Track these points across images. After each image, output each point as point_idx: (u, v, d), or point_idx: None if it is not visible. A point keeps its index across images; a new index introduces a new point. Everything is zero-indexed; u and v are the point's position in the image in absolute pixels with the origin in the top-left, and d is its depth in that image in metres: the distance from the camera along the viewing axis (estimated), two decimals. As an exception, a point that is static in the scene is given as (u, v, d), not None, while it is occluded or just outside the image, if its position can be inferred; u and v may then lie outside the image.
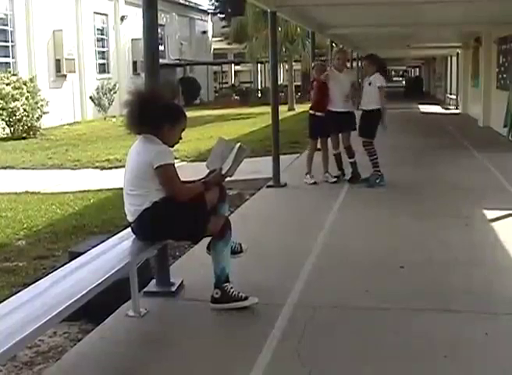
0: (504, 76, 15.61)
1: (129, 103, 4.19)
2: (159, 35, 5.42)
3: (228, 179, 4.55)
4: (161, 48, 29.66)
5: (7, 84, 18.22)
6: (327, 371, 3.50)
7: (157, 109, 4.11)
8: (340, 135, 9.01)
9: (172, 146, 4.25)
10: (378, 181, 8.66)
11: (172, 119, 4.19)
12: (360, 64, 24.55)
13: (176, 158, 4.72)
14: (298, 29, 26.16)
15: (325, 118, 8.82)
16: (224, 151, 4.50)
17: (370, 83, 8.63)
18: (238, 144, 4.51)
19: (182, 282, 4.80)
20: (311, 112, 9.11)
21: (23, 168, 12.67)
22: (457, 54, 25.78)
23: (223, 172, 4.42)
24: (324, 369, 3.51)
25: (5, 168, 12.70)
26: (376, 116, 8.60)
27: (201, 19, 40.75)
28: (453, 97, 27.52)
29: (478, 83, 19.05)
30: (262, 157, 11.40)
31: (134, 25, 26.57)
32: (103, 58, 27.97)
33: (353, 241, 6.14)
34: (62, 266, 3.93)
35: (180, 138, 4.30)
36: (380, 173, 8.75)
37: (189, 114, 4.54)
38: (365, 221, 6.94)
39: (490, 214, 7.03)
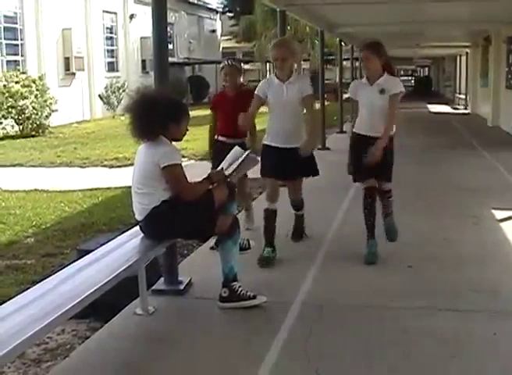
0: (514, 75, 15.56)
1: (131, 113, 4.17)
2: (168, 34, 5.39)
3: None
4: (170, 46, 29.70)
5: (16, 82, 18.23)
6: (334, 369, 3.50)
7: (159, 113, 4.07)
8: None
9: (181, 139, 4.28)
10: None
11: (176, 117, 4.18)
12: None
13: (183, 157, 4.73)
14: (307, 28, 26.17)
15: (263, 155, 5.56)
16: (235, 156, 4.63)
17: (383, 91, 5.33)
18: (247, 152, 4.65)
19: (190, 280, 4.81)
20: (220, 138, 6.19)
21: (32, 166, 12.69)
22: (466, 53, 25.70)
23: (226, 173, 4.44)
24: (331, 367, 3.50)
25: (14, 166, 12.73)
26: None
27: (210, 18, 40.72)
28: (462, 96, 27.44)
29: (488, 82, 18.98)
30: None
31: (143, 23, 26.63)
32: (112, 57, 27.98)
33: (362, 238, 6.12)
34: (71, 263, 3.94)
35: (187, 130, 4.30)
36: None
37: (197, 112, 4.56)
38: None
39: (499, 213, 7.01)
